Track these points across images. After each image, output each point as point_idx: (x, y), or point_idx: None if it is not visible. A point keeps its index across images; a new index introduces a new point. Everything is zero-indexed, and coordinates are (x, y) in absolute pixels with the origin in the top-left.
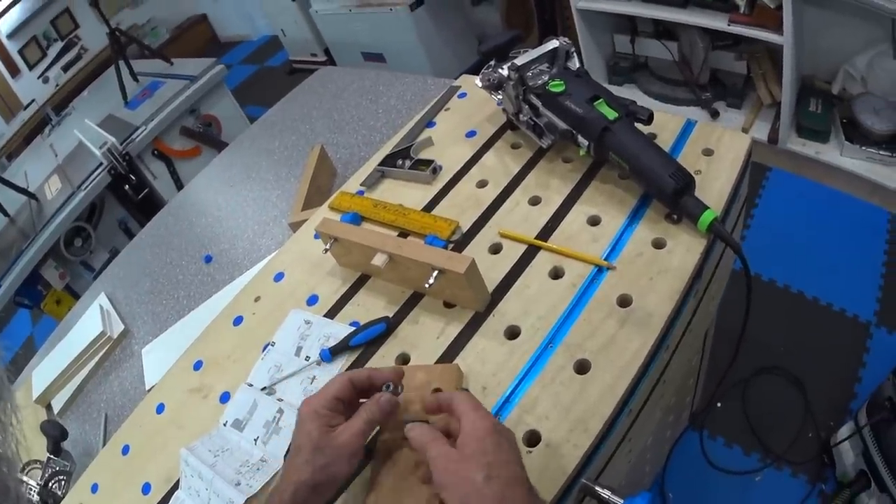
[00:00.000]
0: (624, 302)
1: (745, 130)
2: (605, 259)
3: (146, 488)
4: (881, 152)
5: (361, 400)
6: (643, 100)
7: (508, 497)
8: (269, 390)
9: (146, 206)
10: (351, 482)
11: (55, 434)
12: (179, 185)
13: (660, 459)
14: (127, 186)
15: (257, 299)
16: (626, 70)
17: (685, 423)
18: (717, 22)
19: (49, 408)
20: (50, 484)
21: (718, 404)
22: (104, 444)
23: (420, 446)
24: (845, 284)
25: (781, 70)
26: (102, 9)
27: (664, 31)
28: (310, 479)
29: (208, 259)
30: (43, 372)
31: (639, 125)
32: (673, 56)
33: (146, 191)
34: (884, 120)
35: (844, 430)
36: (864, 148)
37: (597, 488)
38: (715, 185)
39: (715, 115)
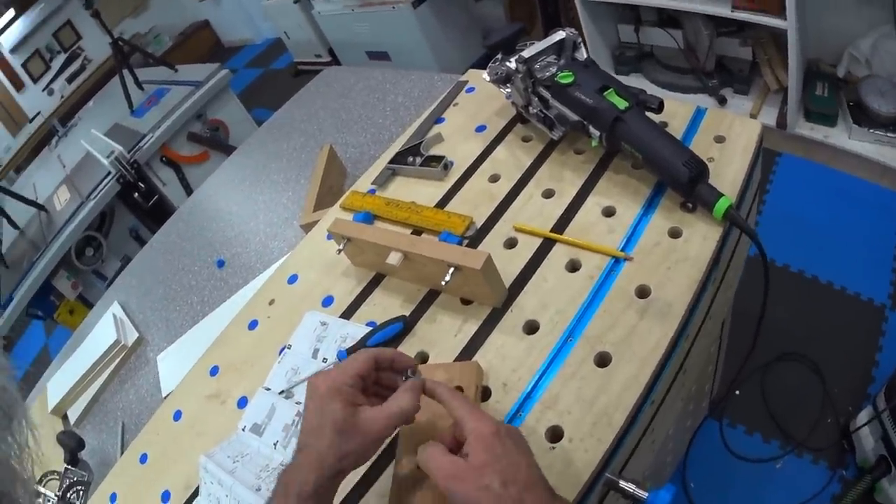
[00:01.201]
0: (643, 293)
1: (753, 116)
2: (622, 250)
3: (165, 496)
4: (889, 134)
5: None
6: (650, 89)
7: (528, 501)
8: (286, 394)
9: (156, 213)
10: None
11: (72, 445)
12: (189, 191)
13: (681, 449)
14: (136, 194)
15: (271, 302)
16: (631, 60)
17: (705, 411)
18: (721, 8)
19: (65, 418)
20: (68, 495)
21: (737, 392)
22: (122, 453)
23: (424, 466)
24: (858, 268)
25: (787, 55)
26: (104, 19)
27: (668, 19)
28: (336, 467)
29: (220, 263)
30: (58, 382)
31: (649, 114)
32: (678, 44)
33: (156, 198)
34: (890, 102)
35: (863, 416)
36: (871, 130)
37: (621, 482)
38: (728, 172)
39: (722, 101)
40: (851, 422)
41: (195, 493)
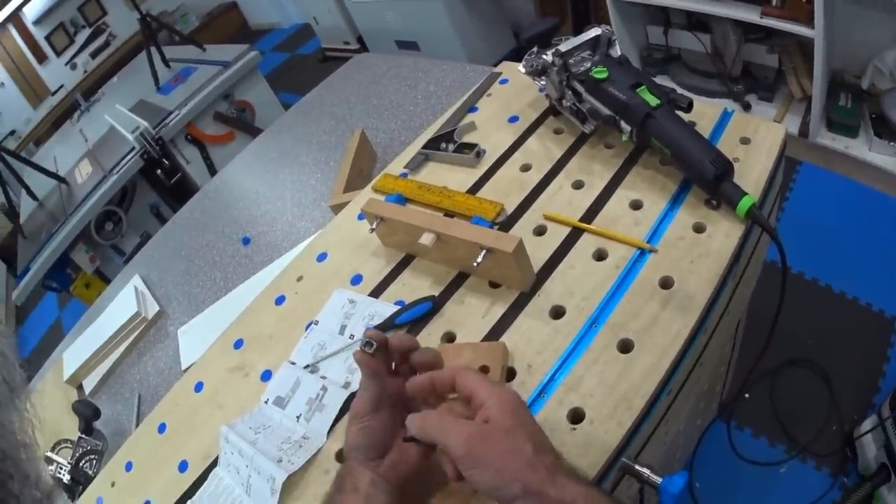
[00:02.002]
0: (666, 284)
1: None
2: (648, 242)
3: (183, 466)
4: None
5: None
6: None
7: (558, 468)
8: (312, 368)
9: (178, 191)
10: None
11: (88, 413)
12: (212, 171)
13: (689, 447)
14: (159, 171)
15: (300, 279)
16: (659, 61)
17: (714, 412)
18: (750, 14)
19: (80, 388)
20: (81, 463)
21: (746, 395)
22: (137, 425)
23: (432, 434)
24: (872, 279)
25: (812, 64)
26: None
27: (697, 23)
28: (344, 452)
29: (246, 241)
30: (75, 352)
31: (678, 113)
32: (706, 48)
33: (178, 176)
34: None
35: (867, 424)
36: (892, 143)
37: (636, 466)
38: (752, 173)
39: (747, 107)
40: (855, 429)
41: (213, 464)
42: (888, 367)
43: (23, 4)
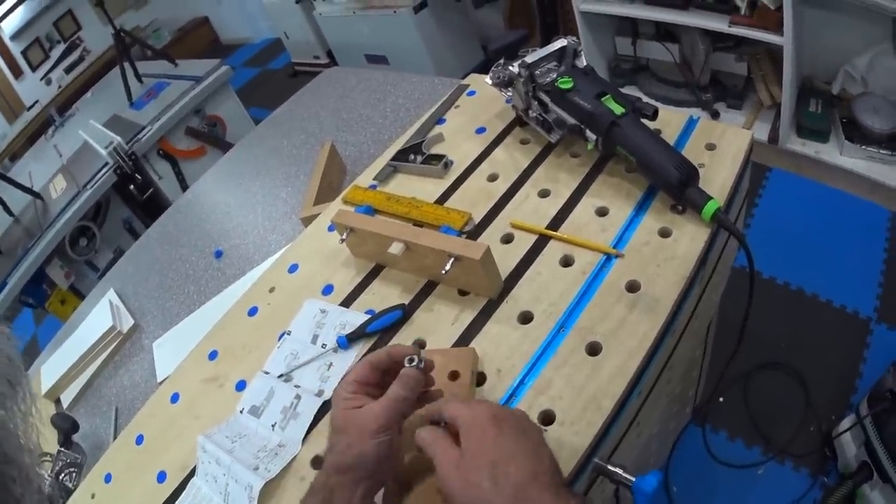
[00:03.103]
0: (632, 287)
1: None
2: (614, 247)
3: (161, 477)
4: (881, 151)
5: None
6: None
7: (522, 499)
8: (285, 377)
9: (150, 206)
10: (386, 463)
11: (66, 427)
12: (184, 186)
13: (664, 451)
14: (132, 186)
15: (272, 290)
16: (627, 72)
17: (688, 416)
18: (718, 23)
19: (58, 402)
20: (61, 476)
21: (721, 399)
22: (115, 437)
23: (426, 448)
24: (846, 282)
25: (781, 71)
26: (107, 9)
27: (665, 33)
28: (336, 461)
29: (218, 254)
30: (52, 367)
31: (644, 121)
32: (674, 58)
33: (151, 191)
34: (884, 119)
35: (846, 422)
36: (863, 147)
37: (609, 467)
38: (718, 178)
39: (715, 115)
40: (834, 429)
41: (191, 474)
42: (864, 367)
43: (1, 18)
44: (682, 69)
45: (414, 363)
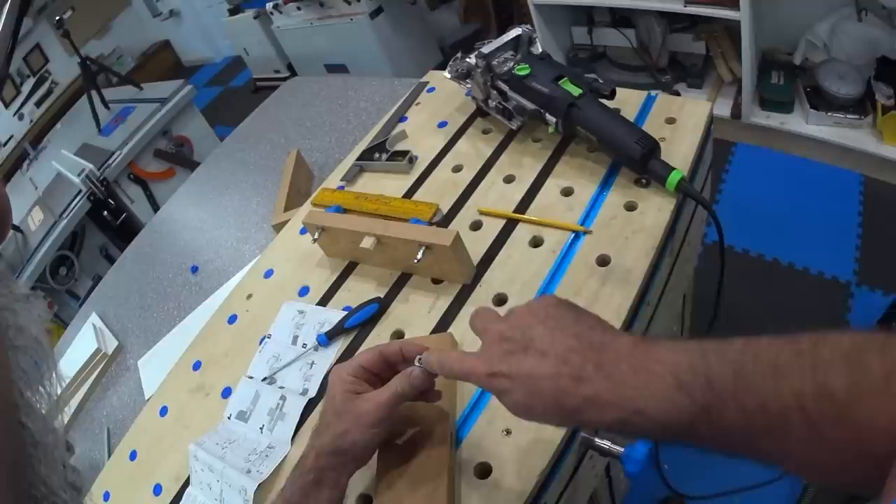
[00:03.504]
0: (603, 262)
1: None
2: (581, 225)
3: (157, 489)
4: (849, 116)
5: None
6: None
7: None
8: (269, 380)
9: (124, 231)
10: (373, 449)
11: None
12: (156, 208)
13: None
14: (106, 212)
15: (249, 297)
16: (585, 61)
17: None
18: (674, 4)
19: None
20: None
21: None
22: (109, 457)
23: (451, 363)
24: (822, 248)
25: (740, 46)
26: (75, 37)
27: (621, 19)
28: (330, 444)
29: (195, 269)
30: None
31: (603, 101)
32: (631, 43)
33: (124, 215)
34: (849, 84)
35: None
36: (829, 114)
37: (596, 440)
38: (680, 150)
39: (676, 96)
40: None
41: (186, 484)
42: None
43: None
44: (639, 53)
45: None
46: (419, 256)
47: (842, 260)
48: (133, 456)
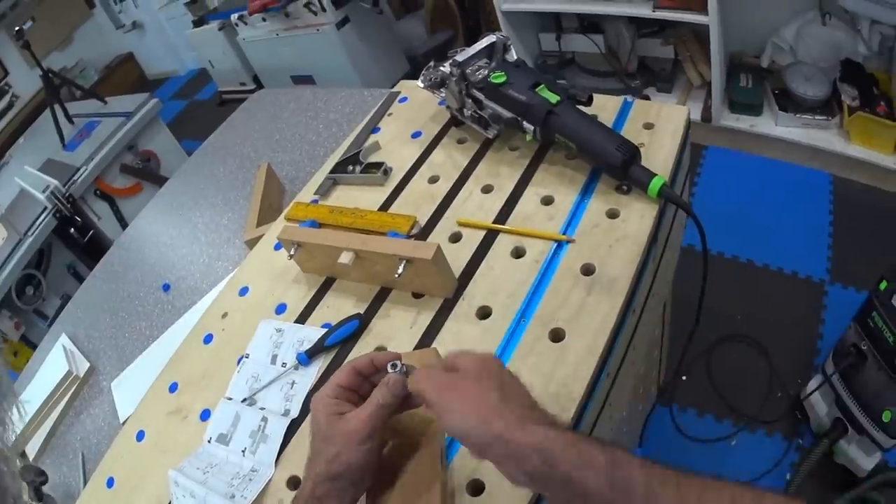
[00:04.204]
0: (588, 270)
1: None
2: (563, 234)
3: None
4: (817, 117)
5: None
6: None
7: (528, 415)
8: (249, 401)
9: (92, 248)
10: (372, 469)
11: (36, 479)
12: (123, 224)
13: (634, 435)
14: (73, 229)
15: (224, 315)
16: (553, 68)
17: (654, 397)
18: (642, 9)
19: (23, 455)
20: None
21: (684, 378)
22: (85, 484)
23: (415, 386)
24: (795, 248)
25: (709, 50)
26: (36, 49)
27: (589, 25)
28: (325, 470)
29: (166, 287)
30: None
31: (580, 107)
32: (600, 49)
33: (91, 233)
34: (816, 85)
35: (813, 383)
36: (798, 115)
37: None
38: (659, 155)
39: (652, 102)
40: (802, 391)
41: None
42: (824, 329)
43: None
44: (608, 59)
45: (397, 368)
46: (400, 271)
47: (815, 259)
48: (110, 483)
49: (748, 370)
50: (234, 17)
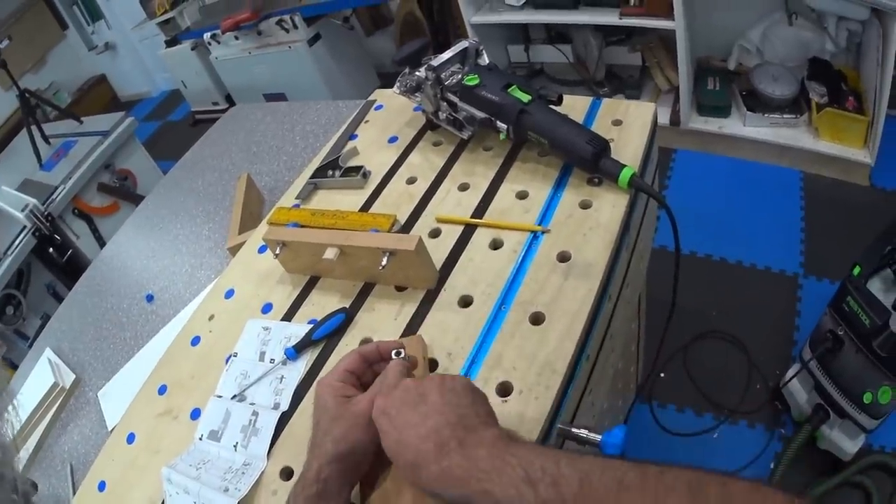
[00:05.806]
0: (563, 258)
1: None
2: (539, 225)
3: None
4: (785, 116)
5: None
6: None
7: (465, 442)
8: (239, 397)
9: (71, 268)
10: (373, 452)
11: (26, 490)
12: (102, 243)
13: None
14: (51, 249)
15: (211, 318)
16: (523, 79)
17: (633, 393)
18: (609, 17)
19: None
20: None
21: (661, 374)
22: (74, 494)
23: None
24: (767, 244)
25: (676, 56)
26: (10, 71)
27: (557, 35)
28: (332, 451)
29: (150, 298)
30: None
31: (551, 107)
32: (568, 58)
33: (70, 252)
34: (783, 85)
35: (791, 372)
36: (766, 115)
37: (573, 429)
38: (629, 149)
39: (621, 100)
40: (780, 381)
41: None
42: (800, 321)
43: None
44: (577, 68)
45: (401, 356)
46: (384, 262)
47: (788, 254)
48: (102, 486)
49: (726, 365)
50: (206, 35)
